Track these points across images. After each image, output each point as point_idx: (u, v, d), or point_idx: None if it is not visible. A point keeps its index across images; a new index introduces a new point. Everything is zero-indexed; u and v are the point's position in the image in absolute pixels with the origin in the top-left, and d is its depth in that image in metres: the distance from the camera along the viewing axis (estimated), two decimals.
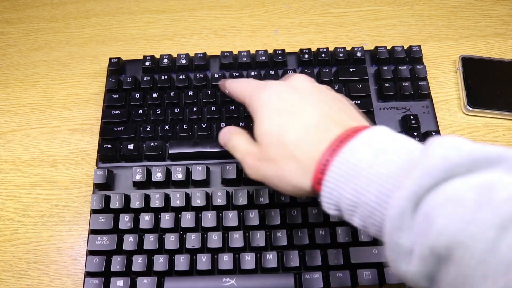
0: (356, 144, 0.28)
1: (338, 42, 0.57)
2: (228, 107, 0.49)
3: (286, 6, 0.60)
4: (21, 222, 0.47)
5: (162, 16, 0.60)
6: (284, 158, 0.31)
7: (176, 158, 0.47)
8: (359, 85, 0.49)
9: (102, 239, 0.43)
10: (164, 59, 0.52)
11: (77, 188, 0.48)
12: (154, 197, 0.44)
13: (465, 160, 0.23)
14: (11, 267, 0.45)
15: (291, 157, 0.30)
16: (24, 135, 0.52)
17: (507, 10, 0.58)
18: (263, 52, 0.52)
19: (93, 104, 0.53)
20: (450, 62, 0.55)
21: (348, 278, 0.40)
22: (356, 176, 0.27)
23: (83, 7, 0.61)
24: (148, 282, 0.41)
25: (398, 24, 0.58)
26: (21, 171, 0.50)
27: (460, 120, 0.51)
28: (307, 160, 0.29)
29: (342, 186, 0.28)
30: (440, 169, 0.23)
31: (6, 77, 0.56)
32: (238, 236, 0.42)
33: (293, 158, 0.30)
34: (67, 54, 0.57)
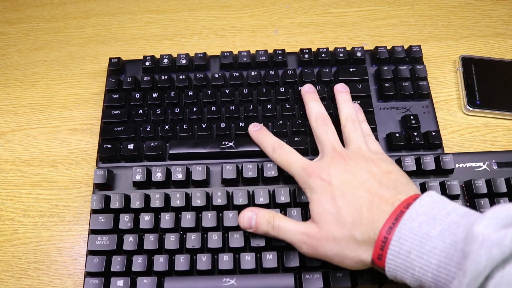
0: (403, 232, 0.31)
1: (338, 42, 0.57)
2: (228, 107, 0.49)
3: (286, 6, 0.60)
4: (21, 222, 0.47)
5: (162, 16, 0.60)
6: (345, 238, 0.34)
7: (176, 158, 0.47)
8: (359, 85, 0.49)
9: (102, 239, 0.43)
10: (164, 59, 0.52)
11: (77, 188, 0.49)
12: (154, 197, 0.44)
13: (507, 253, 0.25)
14: (11, 267, 0.45)
15: (351, 237, 0.33)
16: (24, 135, 0.52)
17: (507, 10, 0.58)
18: (263, 52, 0.52)
19: (93, 104, 0.53)
20: (450, 62, 0.55)
21: (348, 278, 0.40)
22: (412, 267, 0.30)
23: (83, 7, 0.61)
24: (148, 282, 0.41)
25: (398, 24, 0.58)
26: (21, 171, 0.50)
27: (460, 120, 0.51)
28: (365, 238, 0.33)
29: (402, 275, 0.31)
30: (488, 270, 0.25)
31: (6, 77, 0.56)
32: (238, 236, 0.42)
33: (352, 238, 0.33)
34: (67, 54, 0.57)
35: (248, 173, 0.44)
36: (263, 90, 0.50)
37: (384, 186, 0.35)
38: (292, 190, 0.44)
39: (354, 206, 0.34)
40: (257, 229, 0.39)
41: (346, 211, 0.34)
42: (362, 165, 0.37)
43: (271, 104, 0.49)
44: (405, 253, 0.30)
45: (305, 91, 0.46)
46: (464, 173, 0.45)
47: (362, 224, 0.33)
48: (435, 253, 0.29)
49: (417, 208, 0.31)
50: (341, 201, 0.34)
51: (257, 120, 0.48)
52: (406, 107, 0.50)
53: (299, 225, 0.37)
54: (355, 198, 0.34)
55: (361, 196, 0.34)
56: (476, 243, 0.26)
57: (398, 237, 0.31)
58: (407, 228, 0.31)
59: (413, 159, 0.45)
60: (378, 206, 0.33)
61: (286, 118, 0.48)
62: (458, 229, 0.29)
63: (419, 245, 0.30)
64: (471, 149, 0.49)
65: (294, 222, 0.37)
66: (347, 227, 0.33)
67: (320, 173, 0.37)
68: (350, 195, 0.35)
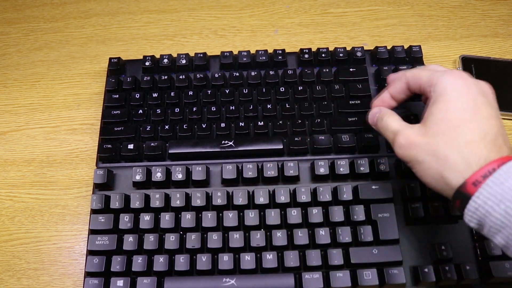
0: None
1: (338, 42, 0.57)
2: (228, 107, 0.49)
3: (286, 6, 0.60)
4: (21, 222, 0.47)
5: (162, 16, 0.60)
6: (448, 147, 0.31)
7: (176, 158, 0.47)
8: (359, 85, 0.49)
9: (102, 239, 0.43)
10: (164, 59, 0.52)
11: (77, 188, 0.49)
12: (154, 197, 0.44)
13: None
14: (11, 267, 0.45)
15: (457, 150, 0.31)
16: (24, 135, 0.52)
17: (507, 10, 0.58)
18: (263, 52, 0.52)
19: (93, 104, 0.53)
20: (450, 62, 0.55)
21: (348, 278, 0.40)
22: (510, 199, 0.28)
23: (83, 7, 0.61)
24: (148, 282, 0.41)
25: (398, 24, 0.58)
26: (21, 171, 0.50)
27: None
28: (472, 161, 0.30)
29: (492, 205, 0.29)
30: None
31: (6, 77, 0.56)
32: (238, 236, 0.42)
33: (459, 152, 0.31)
34: (67, 54, 0.57)
35: (248, 173, 0.44)
36: (263, 90, 0.50)
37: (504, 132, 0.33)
38: (292, 190, 0.44)
39: (482, 128, 0.32)
40: (376, 125, 0.39)
41: (470, 129, 0.31)
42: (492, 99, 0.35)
43: (271, 104, 0.49)
44: (509, 185, 0.28)
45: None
46: None
47: (479, 147, 0.31)
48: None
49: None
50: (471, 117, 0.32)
51: (257, 120, 0.48)
52: (406, 107, 0.49)
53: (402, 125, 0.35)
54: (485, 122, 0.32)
55: (493, 124, 0.32)
56: None
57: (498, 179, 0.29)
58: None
59: None
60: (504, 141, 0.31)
61: (286, 118, 0.48)
62: None
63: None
64: None
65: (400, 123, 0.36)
66: (459, 144, 0.31)
67: (468, 80, 0.34)
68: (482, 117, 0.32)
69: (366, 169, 0.44)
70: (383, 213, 0.42)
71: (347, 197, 0.43)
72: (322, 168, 0.45)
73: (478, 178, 0.30)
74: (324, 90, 0.49)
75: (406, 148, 0.34)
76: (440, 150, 0.32)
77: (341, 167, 0.45)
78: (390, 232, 0.42)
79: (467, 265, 0.40)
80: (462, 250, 0.42)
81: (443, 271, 0.40)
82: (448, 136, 0.32)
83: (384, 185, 0.43)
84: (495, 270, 0.40)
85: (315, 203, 0.43)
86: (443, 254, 0.41)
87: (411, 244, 0.43)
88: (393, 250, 0.41)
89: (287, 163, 0.45)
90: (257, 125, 0.48)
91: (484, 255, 0.41)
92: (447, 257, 0.41)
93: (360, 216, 0.42)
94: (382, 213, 0.42)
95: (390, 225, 0.42)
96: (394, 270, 0.40)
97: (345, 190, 0.43)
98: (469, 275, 0.40)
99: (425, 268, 0.40)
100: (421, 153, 0.33)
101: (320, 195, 0.43)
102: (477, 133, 0.31)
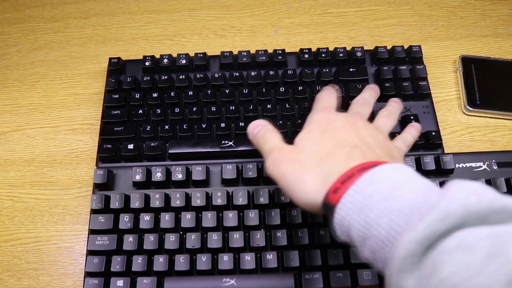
0: (377, 175, 0.28)
1: (338, 42, 0.57)
2: (228, 107, 0.49)
3: (286, 6, 0.60)
4: (21, 222, 0.47)
5: (162, 16, 0.60)
6: (310, 164, 0.31)
7: (176, 158, 0.47)
8: (359, 85, 0.49)
9: (102, 239, 0.43)
10: (164, 59, 0.52)
11: (77, 188, 0.48)
12: (154, 197, 0.44)
13: (484, 209, 0.23)
14: (11, 267, 0.45)
15: (318, 165, 0.31)
16: (24, 135, 0.52)
17: (507, 10, 0.58)
18: (263, 52, 0.52)
19: (93, 104, 0.53)
20: (450, 62, 0.55)
21: (348, 278, 0.40)
22: (369, 207, 0.27)
23: (83, 7, 0.61)
24: (148, 282, 0.41)
25: (398, 24, 0.58)
26: (21, 171, 0.50)
27: (460, 120, 0.51)
28: (332, 170, 0.30)
29: (353, 216, 0.27)
30: (457, 216, 0.23)
31: (6, 77, 0.56)
32: (238, 236, 0.42)
33: (319, 166, 0.31)
34: (67, 54, 0.57)
35: (248, 173, 0.44)
36: (263, 90, 0.50)
37: (378, 148, 0.33)
38: None
39: (339, 142, 0.32)
40: (254, 137, 0.37)
41: (328, 143, 0.32)
42: (370, 129, 0.35)
43: (271, 104, 0.49)
44: (370, 192, 0.27)
45: (368, 87, 0.43)
46: (464, 173, 0.45)
47: (337, 157, 0.31)
48: (402, 199, 0.26)
49: (403, 167, 0.29)
50: (329, 136, 0.33)
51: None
52: (406, 107, 0.49)
53: (280, 143, 0.35)
54: (344, 138, 0.33)
55: (351, 140, 0.32)
56: (455, 187, 0.24)
57: (371, 176, 0.28)
58: (383, 175, 0.28)
59: (413, 159, 0.45)
60: (362, 152, 0.31)
61: (286, 118, 0.48)
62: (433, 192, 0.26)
63: (390, 190, 0.27)
64: (471, 149, 0.49)
65: (281, 140, 0.35)
66: (320, 156, 0.31)
67: (329, 114, 0.36)
68: (341, 135, 0.33)
69: None
70: None
71: None
72: None
73: (337, 185, 0.29)
74: None
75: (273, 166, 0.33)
76: (304, 164, 0.32)
77: None
78: None
79: None
80: None
81: None
82: (311, 151, 0.32)
83: None
84: None
85: None
86: None
87: None
88: None
89: None
90: None
91: None
92: None
93: None
94: None
95: None
96: None
97: None
98: None
99: None
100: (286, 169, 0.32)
101: None
102: (335, 144, 0.32)
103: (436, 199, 0.25)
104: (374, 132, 0.35)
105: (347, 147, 0.32)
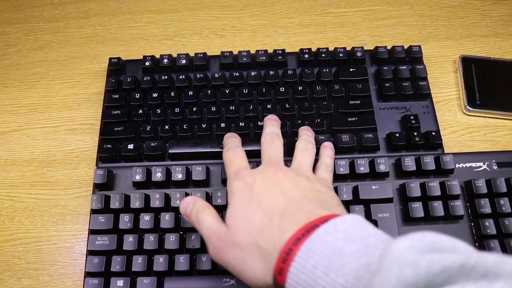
0: (313, 244, 0.27)
1: (338, 42, 0.57)
2: (228, 107, 0.49)
3: (286, 6, 0.60)
4: (21, 222, 0.47)
5: (162, 16, 0.60)
6: (249, 245, 0.30)
7: (176, 158, 0.47)
8: (359, 85, 0.49)
9: (102, 239, 0.43)
10: (164, 59, 0.52)
11: (77, 188, 0.48)
12: (154, 197, 0.44)
13: (422, 279, 0.22)
14: (11, 267, 0.45)
15: (255, 245, 0.30)
16: (24, 135, 0.52)
17: (507, 10, 0.58)
18: (263, 52, 0.52)
19: (93, 104, 0.53)
20: (450, 62, 0.55)
21: None
22: (313, 285, 0.26)
23: (83, 7, 0.61)
24: (148, 282, 0.41)
25: (398, 24, 0.58)
26: (21, 171, 0.50)
27: (460, 120, 0.51)
28: (270, 248, 0.29)
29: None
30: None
31: (6, 77, 0.56)
32: None
33: (256, 246, 0.30)
34: (67, 54, 0.57)
35: None
36: (263, 90, 0.50)
37: (307, 199, 0.32)
38: None
39: (267, 212, 0.31)
40: (188, 217, 0.36)
41: (257, 216, 0.31)
42: (291, 177, 0.34)
43: (271, 104, 0.49)
44: (310, 267, 0.26)
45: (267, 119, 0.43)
46: (464, 173, 0.45)
47: (269, 231, 0.30)
48: (343, 272, 0.26)
49: (337, 224, 0.28)
50: (255, 206, 0.32)
51: (257, 120, 0.48)
52: (406, 107, 0.50)
53: (215, 224, 0.33)
54: (270, 205, 0.32)
55: (277, 203, 0.32)
56: (389, 259, 0.23)
57: (307, 249, 0.27)
58: (319, 241, 0.27)
59: (413, 159, 0.45)
60: (292, 215, 0.30)
61: (286, 118, 0.48)
62: (375, 252, 0.26)
63: (329, 260, 0.26)
64: (471, 149, 0.49)
65: (215, 219, 0.34)
66: (253, 233, 0.30)
67: (246, 178, 0.35)
68: (266, 201, 0.32)
69: (366, 169, 0.44)
70: (383, 213, 0.43)
71: (347, 197, 0.43)
72: None
73: (280, 265, 0.28)
74: (324, 90, 0.49)
75: (217, 252, 0.32)
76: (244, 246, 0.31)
77: (341, 167, 0.45)
78: (390, 232, 0.42)
79: None
80: None
81: None
82: (244, 231, 0.31)
83: (384, 185, 0.43)
84: None
85: None
86: None
87: None
88: None
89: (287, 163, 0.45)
90: (257, 125, 0.48)
91: None
92: None
93: None
94: (382, 213, 0.43)
95: (390, 225, 0.42)
96: None
97: (345, 190, 0.43)
98: None
99: None
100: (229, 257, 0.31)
101: None
102: (263, 218, 0.31)
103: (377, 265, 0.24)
104: (296, 179, 0.34)
105: (275, 217, 0.31)
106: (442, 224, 0.43)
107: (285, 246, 0.28)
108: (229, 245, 0.32)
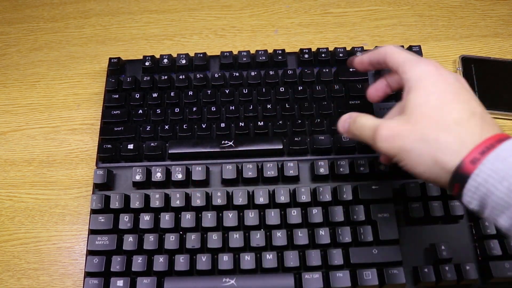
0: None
1: (338, 42, 0.57)
2: (228, 107, 0.49)
3: (286, 6, 0.60)
4: (21, 222, 0.47)
5: (162, 16, 0.60)
6: (437, 129, 0.30)
7: (176, 158, 0.47)
8: (359, 85, 0.49)
9: (102, 239, 0.43)
10: (164, 59, 0.52)
11: (77, 188, 0.49)
12: (154, 197, 0.44)
13: None
14: (11, 267, 0.45)
15: (447, 130, 0.29)
16: (24, 135, 0.52)
17: (507, 10, 0.58)
18: (263, 52, 0.52)
19: (93, 104, 0.53)
20: (450, 62, 0.55)
21: (348, 278, 0.40)
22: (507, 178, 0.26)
23: (83, 7, 0.61)
24: (148, 282, 0.41)
25: (398, 24, 0.58)
26: (21, 171, 0.50)
27: None
28: (466, 138, 0.29)
29: (494, 183, 0.27)
30: None
31: (6, 77, 0.56)
32: (238, 236, 0.42)
33: (449, 131, 0.29)
34: (67, 54, 0.57)
35: (248, 173, 0.44)
36: (263, 90, 0.50)
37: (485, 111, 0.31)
38: (292, 190, 0.44)
39: (467, 107, 0.30)
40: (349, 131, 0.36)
41: (454, 108, 0.30)
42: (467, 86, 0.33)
43: (271, 104, 0.49)
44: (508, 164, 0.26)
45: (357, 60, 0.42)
46: None
47: (469, 124, 0.29)
48: None
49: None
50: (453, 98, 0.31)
51: (257, 120, 0.48)
52: None
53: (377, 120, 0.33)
54: (468, 102, 0.30)
55: (473, 105, 0.30)
56: None
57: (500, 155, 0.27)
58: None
59: None
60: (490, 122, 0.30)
61: (286, 118, 0.48)
62: None
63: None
64: None
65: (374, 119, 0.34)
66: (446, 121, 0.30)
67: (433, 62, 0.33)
68: (463, 97, 0.31)
69: (366, 169, 0.44)
70: (383, 213, 0.42)
71: (347, 197, 0.43)
72: (322, 168, 0.45)
73: (476, 155, 0.28)
74: (324, 90, 0.49)
75: (391, 140, 0.31)
76: (429, 133, 0.30)
77: (341, 167, 0.45)
78: (390, 232, 0.42)
79: (467, 265, 0.40)
80: (462, 250, 0.42)
81: (443, 271, 0.40)
82: (433, 118, 0.30)
83: (384, 185, 0.43)
84: (495, 270, 0.40)
85: (315, 203, 0.44)
86: (443, 254, 0.41)
87: (411, 244, 0.43)
88: (393, 250, 0.41)
89: (287, 163, 0.45)
90: (257, 125, 0.48)
91: (484, 255, 0.41)
92: (447, 257, 0.41)
93: (360, 216, 0.42)
94: (382, 213, 0.42)
95: (390, 225, 0.42)
96: (394, 270, 0.40)
97: (345, 190, 0.43)
98: (469, 275, 0.40)
99: (425, 268, 0.40)
100: (408, 141, 0.30)
101: (320, 195, 0.43)
102: (463, 112, 0.30)
103: None
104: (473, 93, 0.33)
105: (476, 115, 0.30)
106: (442, 224, 0.43)
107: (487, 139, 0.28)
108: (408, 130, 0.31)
